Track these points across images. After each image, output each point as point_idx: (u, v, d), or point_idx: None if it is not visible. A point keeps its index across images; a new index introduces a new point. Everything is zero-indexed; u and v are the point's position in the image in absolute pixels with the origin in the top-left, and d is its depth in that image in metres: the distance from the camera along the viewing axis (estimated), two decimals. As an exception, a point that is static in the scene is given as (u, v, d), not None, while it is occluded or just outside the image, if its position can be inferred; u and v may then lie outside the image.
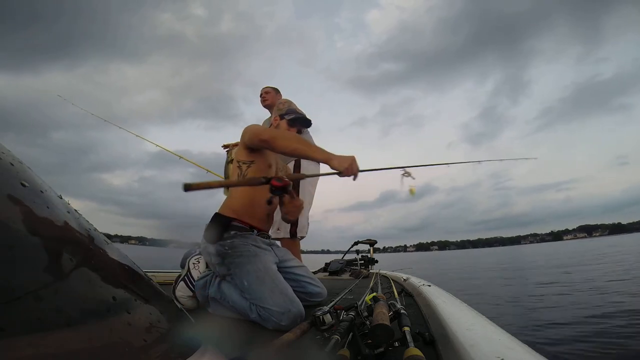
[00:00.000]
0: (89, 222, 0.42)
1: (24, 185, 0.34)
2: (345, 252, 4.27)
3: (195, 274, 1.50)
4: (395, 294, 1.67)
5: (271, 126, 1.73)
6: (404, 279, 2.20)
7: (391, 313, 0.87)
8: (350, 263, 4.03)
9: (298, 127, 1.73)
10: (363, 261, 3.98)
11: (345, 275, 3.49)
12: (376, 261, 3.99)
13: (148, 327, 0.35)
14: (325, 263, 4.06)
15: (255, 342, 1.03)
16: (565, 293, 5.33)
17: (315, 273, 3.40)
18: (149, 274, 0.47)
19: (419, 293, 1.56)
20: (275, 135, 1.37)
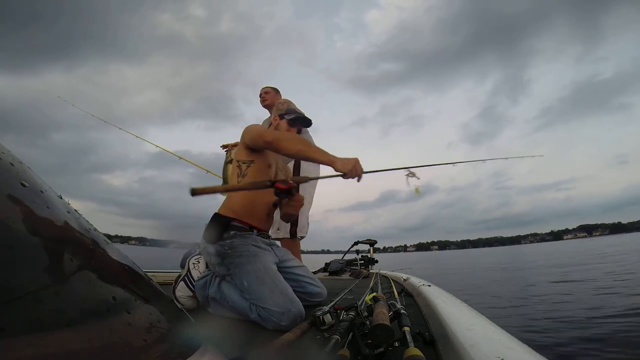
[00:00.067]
0: (89, 222, 0.42)
1: (24, 185, 0.34)
2: (345, 252, 4.27)
3: (195, 274, 1.50)
4: (395, 294, 1.67)
5: (270, 126, 1.72)
6: (404, 279, 2.20)
7: (391, 313, 0.87)
8: (350, 263, 4.03)
9: (298, 127, 1.73)
10: (363, 261, 3.98)
11: (345, 275, 3.49)
12: (376, 261, 3.99)
13: (148, 327, 0.35)
14: (325, 263, 4.06)
15: (255, 342, 1.03)
16: (566, 293, 5.33)
17: (315, 273, 3.40)
18: (149, 274, 0.47)
19: (419, 293, 1.56)
20: (280, 137, 1.37)
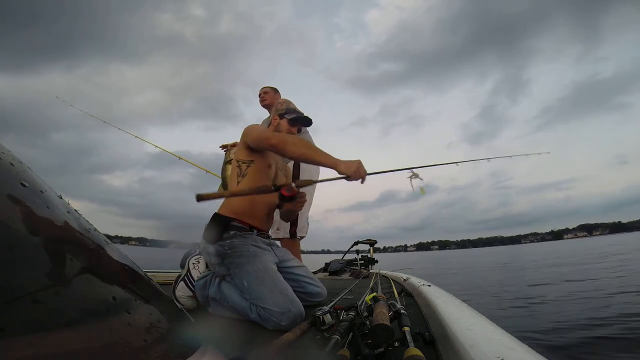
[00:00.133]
0: (89, 222, 0.42)
1: (24, 185, 0.34)
2: (345, 252, 4.27)
3: (195, 274, 1.50)
4: (395, 294, 1.67)
5: (270, 125, 1.72)
6: (404, 279, 2.20)
7: (391, 313, 0.87)
8: (350, 263, 4.03)
9: (299, 127, 1.73)
10: (363, 261, 3.98)
11: (345, 275, 3.49)
12: (376, 261, 3.99)
13: (148, 327, 0.35)
14: (325, 263, 4.06)
15: (255, 342, 1.03)
16: (566, 293, 5.33)
17: (315, 273, 3.40)
18: (149, 274, 0.47)
19: (419, 293, 1.56)
20: (285, 140, 1.37)
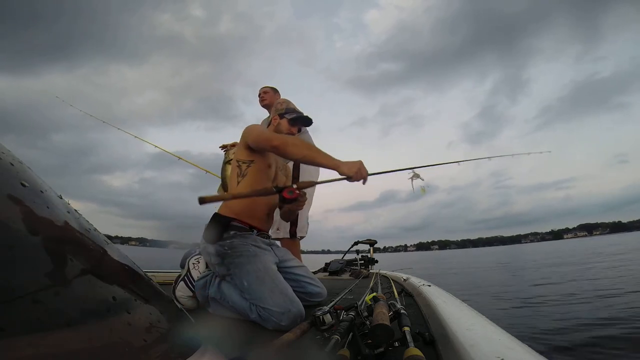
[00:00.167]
0: (89, 222, 0.42)
1: (24, 185, 0.34)
2: (345, 252, 4.27)
3: (195, 274, 1.50)
4: (395, 294, 1.67)
5: (270, 125, 1.72)
6: (404, 279, 2.20)
7: (391, 313, 0.87)
8: (350, 263, 4.04)
9: (299, 126, 1.73)
10: (363, 261, 3.98)
11: (345, 275, 3.49)
12: (376, 261, 3.99)
13: (148, 327, 0.35)
14: (325, 263, 4.06)
15: (255, 342, 1.03)
16: (566, 292, 5.32)
17: (315, 273, 3.40)
18: (149, 274, 0.47)
19: (419, 293, 1.56)
20: (287, 142, 1.37)
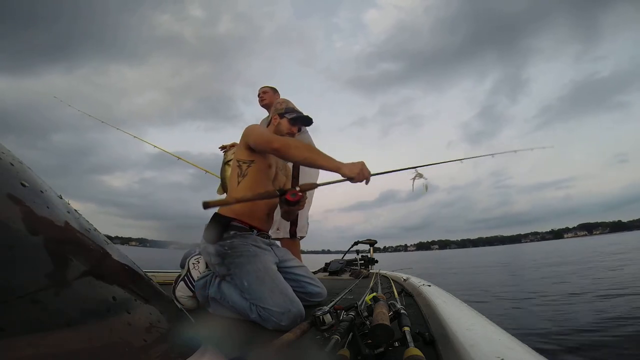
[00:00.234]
0: (89, 222, 0.42)
1: (24, 185, 0.34)
2: (345, 252, 4.27)
3: (195, 274, 1.50)
4: (395, 294, 1.67)
5: (270, 125, 1.72)
6: (404, 279, 2.20)
7: (391, 313, 0.87)
8: (350, 263, 4.03)
9: (299, 126, 1.73)
10: (363, 261, 3.98)
11: (345, 275, 3.49)
12: (376, 261, 3.99)
13: (148, 327, 0.35)
14: (325, 263, 4.06)
15: (255, 342, 1.03)
16: (567, 292, 5.33)
17: (315, 273, 3.40)
18: (149, 274, 0.47)
19: (419, 293, 1.56)
20: (288, 144, 1.36)
